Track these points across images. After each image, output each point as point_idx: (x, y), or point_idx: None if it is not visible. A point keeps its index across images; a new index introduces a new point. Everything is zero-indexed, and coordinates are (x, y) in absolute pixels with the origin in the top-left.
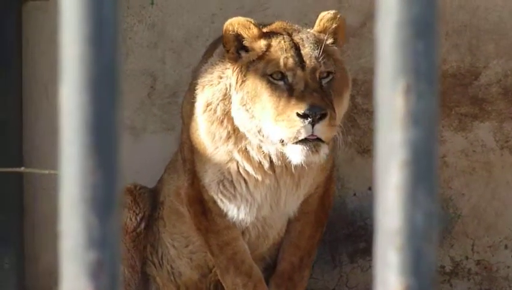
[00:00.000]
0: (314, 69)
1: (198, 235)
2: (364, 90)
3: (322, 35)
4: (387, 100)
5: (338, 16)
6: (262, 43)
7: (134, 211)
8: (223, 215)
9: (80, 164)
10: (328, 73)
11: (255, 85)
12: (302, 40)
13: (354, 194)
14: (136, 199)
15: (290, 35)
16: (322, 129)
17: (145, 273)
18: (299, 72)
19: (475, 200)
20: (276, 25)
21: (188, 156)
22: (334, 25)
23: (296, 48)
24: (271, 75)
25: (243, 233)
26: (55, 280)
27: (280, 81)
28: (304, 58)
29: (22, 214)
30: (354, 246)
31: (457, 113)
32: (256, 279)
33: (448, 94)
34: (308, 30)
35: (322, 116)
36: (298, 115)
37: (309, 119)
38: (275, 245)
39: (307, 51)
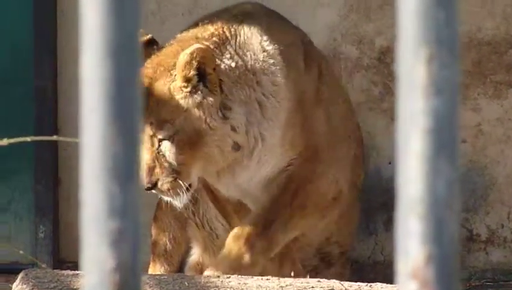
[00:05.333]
0: (150, 137)
1: None
2: None
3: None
4: (409, 69)
5: (195, 53)
6: None
7: None
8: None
9: (100, 133)
10: (163, 138)
11: None
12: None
13: (389, 163)
14: None
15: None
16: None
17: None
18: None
19: (510, 168)
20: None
21: None
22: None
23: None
24: None
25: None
26: None
27: None
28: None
29: (57, 183)
30: (389, 214)
31: (492, 81)
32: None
33: (483, 62)
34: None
35: (151, 189)
36: None
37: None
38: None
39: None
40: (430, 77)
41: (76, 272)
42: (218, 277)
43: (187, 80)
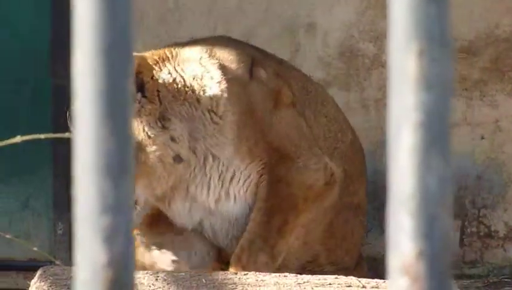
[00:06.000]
0: None
1: None
2: None
3: None
4: (400, 64)
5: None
6: None
7: None
8: None
9: (93, 131)
10: None
11: None
12: None
13: None
14: None
15: None
16: None
17: None
18: None
19: None
20: None
21: None
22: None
23: None
24: None
25: None
26: None
27: None
28: None
29: None
30: None
31: (510, 78)
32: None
33: (501, 59)
34: None
35: None
36: None
37: None
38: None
39: None
40: (420, 71)
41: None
42: (236, 273)
43: None
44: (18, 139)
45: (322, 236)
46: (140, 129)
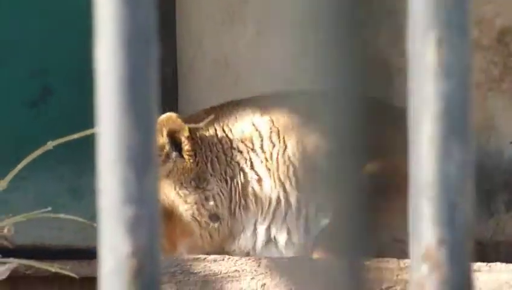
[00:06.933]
0: None
1: None
2: None
3: None
4: (419, 53)
5: (164, 120)
6: None
7: None
8: None
9: (116, 123)
10: None
11: None
12: None
13: (510, 142)
14: None
15: None
16: None
17: None
18: None
19: None
20: None
21: None
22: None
23: None
24: None
25: None
26: None
27: None
28: None
29: None
30: (510, 195)
31: None
32: None
33: None
34: None
35: None
36: None
37: None
38: None
39: None
40: (439, 60)
41: (197, 256)
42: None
43: (160, 148)
44: (49, 145)
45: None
46: (172, 187)
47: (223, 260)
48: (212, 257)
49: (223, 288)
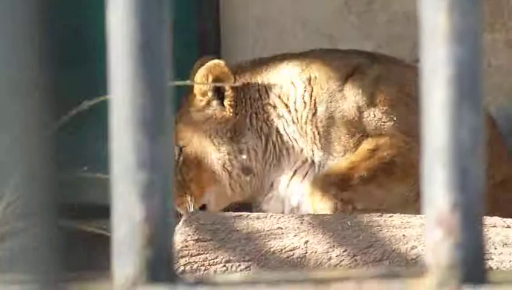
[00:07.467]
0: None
1: None
2: None
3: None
4: (431, 18)
5: (211, 68)
6: None
7: None
8: None
9: (129, 86)
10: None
11: None
12: None
13: None
14: None
15: None
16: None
17: None
18: None
19: None
20: None
21: None
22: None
23: None
24: None
25: None
26: None
27: None
28: None
29: None
30: None
31: None
32: None
33: None
34: None
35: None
36: None
37: None
38: None
39: None
40: (451, 25)
41: (239, 213)
42: (381, 215)
43: (202, 94)
44: (85, 104)
45: None
46: (207, 134)
47: (266, 217)
48: (255, 214)
49: (265, 245)
